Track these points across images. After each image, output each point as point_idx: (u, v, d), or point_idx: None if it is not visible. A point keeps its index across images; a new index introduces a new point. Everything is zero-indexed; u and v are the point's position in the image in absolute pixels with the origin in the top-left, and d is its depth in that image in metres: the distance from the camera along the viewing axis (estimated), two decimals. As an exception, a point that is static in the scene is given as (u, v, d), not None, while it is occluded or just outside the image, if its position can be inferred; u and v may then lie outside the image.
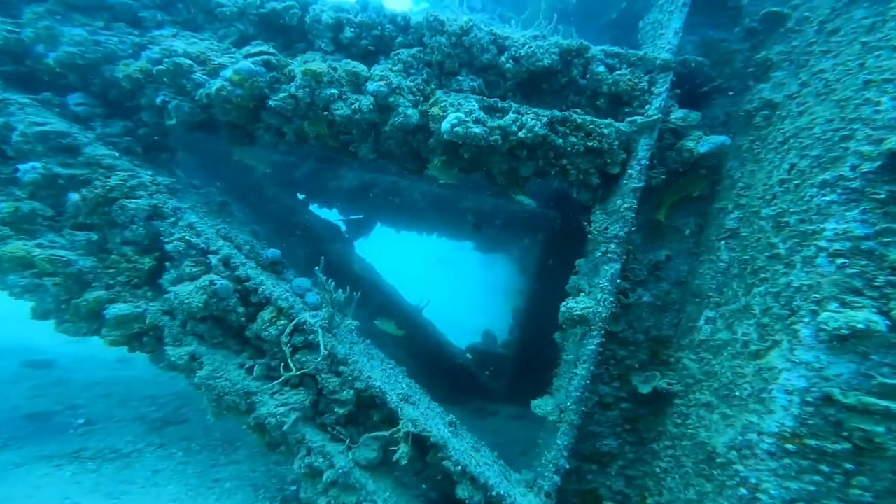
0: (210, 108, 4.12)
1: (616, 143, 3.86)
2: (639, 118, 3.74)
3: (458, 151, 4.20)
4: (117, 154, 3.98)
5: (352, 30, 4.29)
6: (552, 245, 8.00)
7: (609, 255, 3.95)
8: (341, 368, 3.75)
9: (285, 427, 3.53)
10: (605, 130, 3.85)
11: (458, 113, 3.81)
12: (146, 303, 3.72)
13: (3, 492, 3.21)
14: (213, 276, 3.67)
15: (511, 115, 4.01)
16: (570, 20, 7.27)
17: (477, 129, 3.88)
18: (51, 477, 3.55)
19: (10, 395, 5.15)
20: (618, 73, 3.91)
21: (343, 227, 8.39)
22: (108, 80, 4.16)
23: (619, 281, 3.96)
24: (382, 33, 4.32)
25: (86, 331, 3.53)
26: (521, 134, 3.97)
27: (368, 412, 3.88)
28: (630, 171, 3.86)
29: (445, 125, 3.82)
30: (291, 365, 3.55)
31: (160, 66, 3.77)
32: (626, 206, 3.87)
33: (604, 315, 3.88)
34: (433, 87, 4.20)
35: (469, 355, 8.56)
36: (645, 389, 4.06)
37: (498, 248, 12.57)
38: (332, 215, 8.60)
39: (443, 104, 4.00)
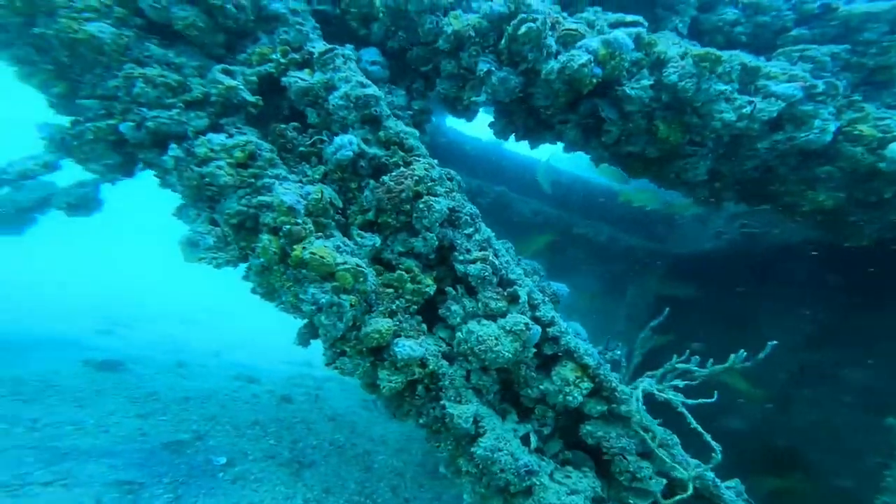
0: (531, 87, 3.14)
1: None
2: None
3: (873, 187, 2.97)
4: (417, 133, 3.09)
5: (733, 11, 3.11)
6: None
7: None
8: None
9: (578, 524, 2.53)
10: None
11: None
12: (424, 339, 2.78)
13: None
14: (524, 318, 2.71)
15: None
16: None
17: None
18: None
19: (118, 411, 4.00)
20: None
21: None
22: (416, 35, 3.26)
23: None
24: (774, 21, 3.11)
25: (362, 370, 2.64)
26: None
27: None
28: None
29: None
30: (662, 454, 2.55)
31: (530, 25, 2.76)
32: None
33: None
34: (855, 97, 2.95)
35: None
36: None
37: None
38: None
39: (886, 123, 2.77)
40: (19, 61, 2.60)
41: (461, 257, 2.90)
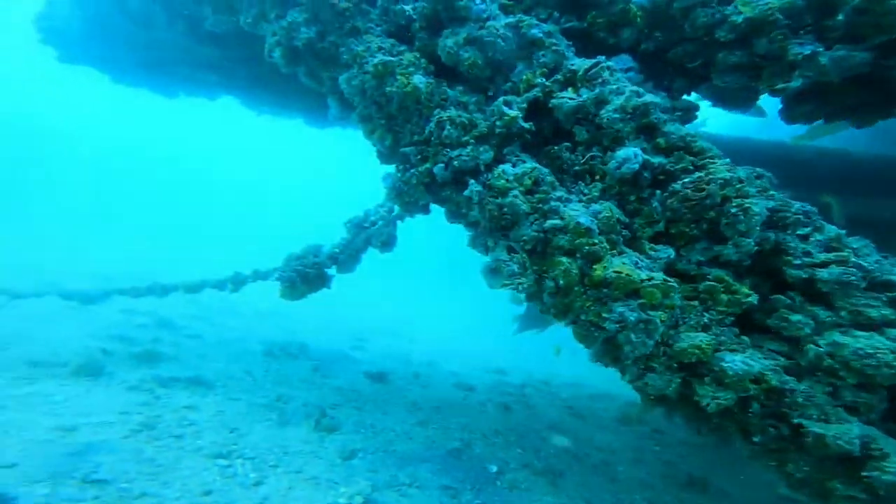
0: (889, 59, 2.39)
1: None
2: None
3: None
4: (703, 134, 2.67)
5: None
6: None
7: None
8: None
9: None
10: None
11: None
12: (752, 352, 2.34)
13: None
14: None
15: None
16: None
17: None
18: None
19: (405, 420, 4.38)
20: None
21: None
22: (677, 32, 2.94)
23: None
24: None
25: (674, 386, 2.32)
26: None
27: None
28: None
29: None
30: None
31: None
32: None
33: None
34: None
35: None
36: None
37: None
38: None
39: None
40: (363, 119, 3.21)
41: (797, 262, 2.40)
